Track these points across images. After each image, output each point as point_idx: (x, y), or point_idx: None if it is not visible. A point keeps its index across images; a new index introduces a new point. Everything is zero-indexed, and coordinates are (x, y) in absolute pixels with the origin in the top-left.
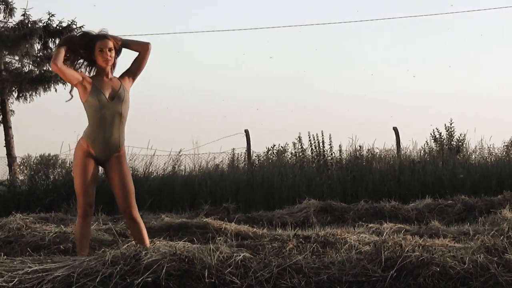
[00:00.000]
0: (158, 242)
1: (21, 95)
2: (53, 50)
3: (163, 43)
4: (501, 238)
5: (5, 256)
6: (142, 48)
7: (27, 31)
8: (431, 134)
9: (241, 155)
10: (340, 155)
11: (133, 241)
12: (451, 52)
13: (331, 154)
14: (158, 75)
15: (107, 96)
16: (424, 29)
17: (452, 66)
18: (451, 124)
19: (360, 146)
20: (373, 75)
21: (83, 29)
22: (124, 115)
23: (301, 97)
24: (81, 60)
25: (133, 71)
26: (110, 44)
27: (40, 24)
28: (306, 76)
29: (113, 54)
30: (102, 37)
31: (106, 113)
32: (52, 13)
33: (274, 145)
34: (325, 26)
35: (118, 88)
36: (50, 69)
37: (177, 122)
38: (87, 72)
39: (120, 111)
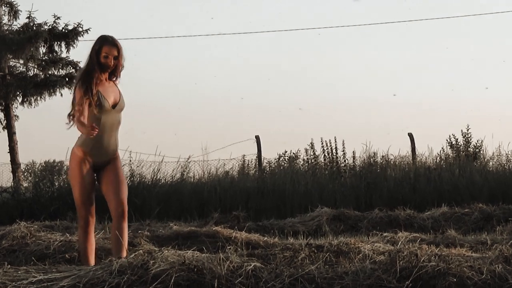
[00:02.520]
0: (166, 251)
1: (25, 99)
2: (75, 102)
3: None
4: None
5: (9, 266)
6: None
7: (32, 34)
8: (447, 140)
9: (251, 161)
10: (353, 161)
11: (140, 250)
12: (470, 54)
13: (345, 160)
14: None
15: (110, 104)
16: (447, 32)
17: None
18: (467, 130)
19: (374, 153)
20: (388, 79)
21: (89, 32)
22: (120, 122)
23: (314, 102)
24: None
25: None
26: (115, 52)
27: (46, 27)
28: (319, 81)
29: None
30: (111, 42)
31: (107, 120)
32: (58, 16)
33: (286, 152)
34: (339, 28)
35: (119, 96)
36: (56, 73)
37: (186, 128)
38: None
39: (119, 119)
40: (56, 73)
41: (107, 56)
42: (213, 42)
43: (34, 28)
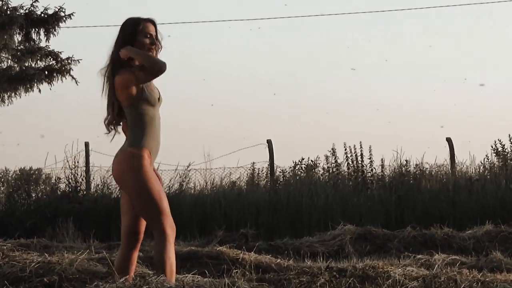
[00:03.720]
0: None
1: None
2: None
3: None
4: None
5: None
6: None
7: (5, 20)
8: (492, 147)
9: (262, 170)
10: (382, 171)
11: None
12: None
13: (371, 170)
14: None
15: (158, 95)
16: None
17: None
18: None
19: (406, 161)
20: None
21: (72, 18)
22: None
23: (335, 102)
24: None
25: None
26: (154, 30)
27: (21, 11)
28: (341, 79)
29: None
30: (148, 20)
31: (158, 115)
32: None
33: (303, 159)
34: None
35: (156, 87)
36: (33, 65)
37: (185, 130)
38: None
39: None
40: (33, 65)
41: (149, 35)
42: (226, 34)
43: (8, 12)
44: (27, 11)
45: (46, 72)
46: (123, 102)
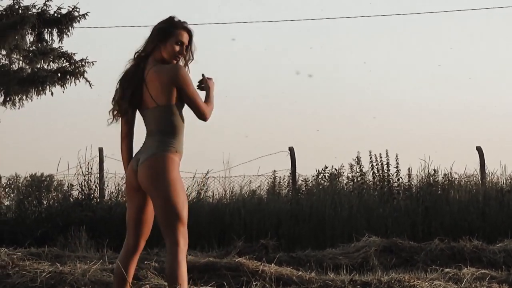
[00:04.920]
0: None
1: (8, 99)
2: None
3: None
4: None
5: None
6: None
7: (17, 19)
8: None
9: (284, 178)
10: (409, 180)
11: (147, 284)
12: None
13: (398, 179)
14: None
15: None
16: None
17: None
18: None
19: (434, 170)
20: (449, 82)
21: (87, 17)
22: None
23: (360, 108)
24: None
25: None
26: (187, 39)
27: (34, 10)
28: (365, 84)
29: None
30: (185, 28)
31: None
32: None
33: (326, 167)
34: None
35: None
36: (45, 66)
37: (204, 136)
38: None
39: None
40: (46, 67)
41: (180, 43)
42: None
43: (20, 12)
44: (39, 10)
45: (59, 74)
46: (159, 98)
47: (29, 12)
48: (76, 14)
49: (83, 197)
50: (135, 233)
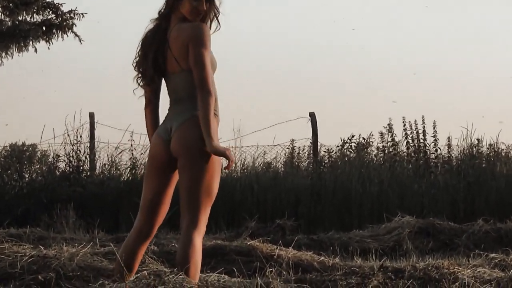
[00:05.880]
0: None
1: None
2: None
3: None
4: None
5: None
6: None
7: None
8: None
9: (303, 149)
10: (448, 152)
11: (145, 271)
12: None
13: (436, 150)
14: None
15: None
16: None
17: None
18: None
19: (478, 140)
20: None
21: None
22: None
23: (392, 69)
24: None
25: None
26: None
27: None
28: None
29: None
30: None
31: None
32: None
33: (353, 136)
34: None
35: None
36: (28, 19)
37: None
38: None
39: None
40: (28, 19)
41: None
42: None
43: None
44: None
45: (44, 28)
46: (183, 62)
47: None
48: None
49: (71, 169)
50: (150, 218)
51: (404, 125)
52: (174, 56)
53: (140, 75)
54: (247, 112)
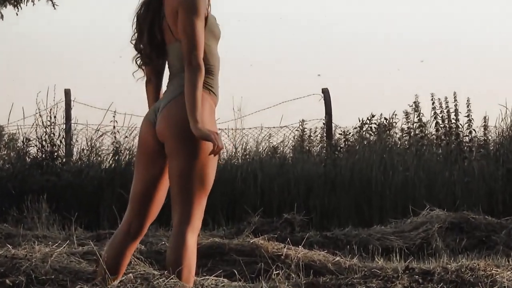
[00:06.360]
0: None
1: None
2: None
3: None
4: None
5: None
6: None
7: None
8: None
9: (315, 131)
10: (485, 134)
11: (130, 274)
12: None
13: (470, 132)
14: None
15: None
16: None
17: None
18: None
19: None
20: None
21: None
22: None
23: (417, 37)
24: None
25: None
26: None
27: None
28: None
29: None
30: None
31: (218, 54)
32: None
33: (373, 116)
34: None
35: None
36: None
37: None
38: None
39: None
40: None
41: None
42: None
43: None
44: None
45: None
46: (175, 28)
47: None
48: None
49: (43, 155)
50: (141, 214)
51: (433, 103)
52: (169, 26)
53: (138, 54)
54: (249, 88)
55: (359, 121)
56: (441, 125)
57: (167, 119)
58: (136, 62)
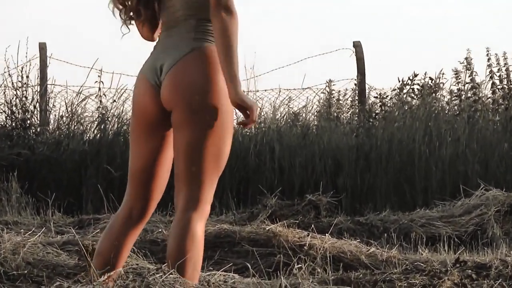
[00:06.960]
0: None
1: None
2: None
3: None
4: None
5: None
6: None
7: None
8: None
9: (345, 94)
10: None
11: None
12: None
13: None
14: None
15: None
16: None
17: None
18: None
19: None
20: None
21: None
22: None
23: None
24: None
25: None
26: None
27: None
28: None
29: None
30: None
31: None
32: None
33: (416, 75)
34: None
35: None
36: None
37: None
38: None
39: None
40: None
41: None
42: None
43: None
44: None
45: None
46: None
47: None
48: None
49: (13, 124)
50: (144, 194)
51: (489, 59)
52: None
53: (121, 7)
54: (264, 42)
55: (399, 81)
56: (498, 86)
57: (177, 83)
58: (120, 16)
